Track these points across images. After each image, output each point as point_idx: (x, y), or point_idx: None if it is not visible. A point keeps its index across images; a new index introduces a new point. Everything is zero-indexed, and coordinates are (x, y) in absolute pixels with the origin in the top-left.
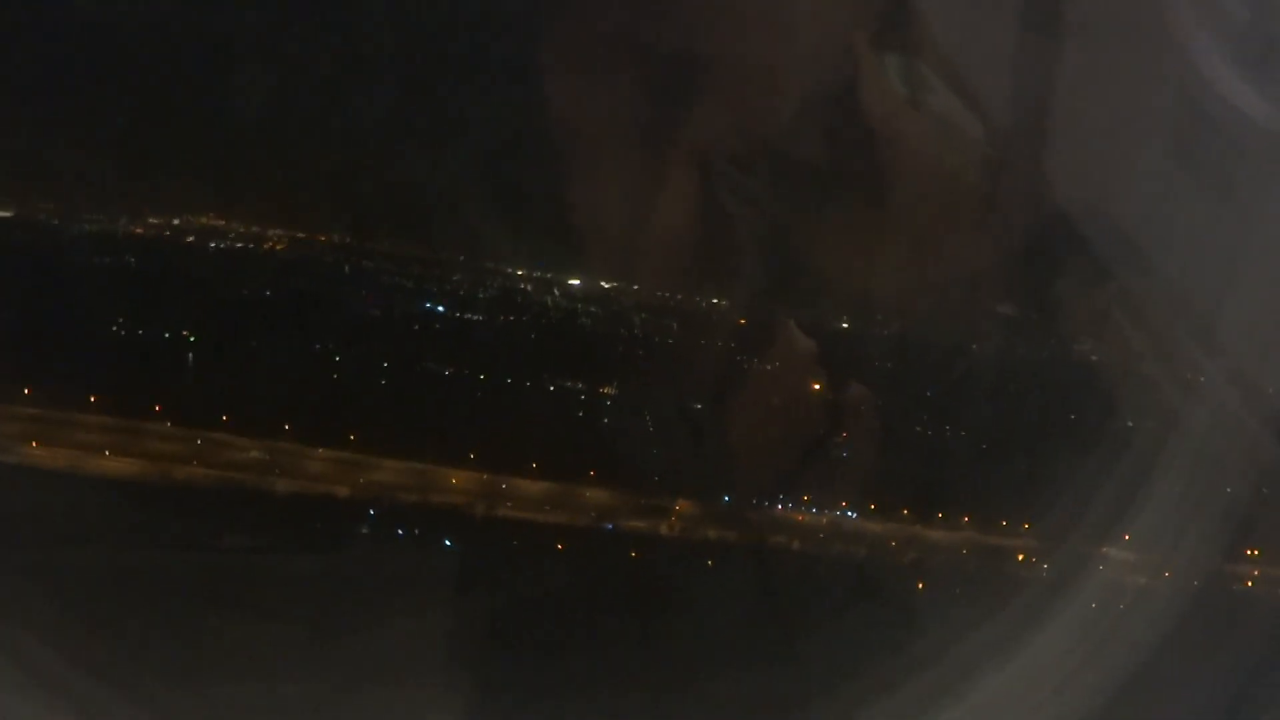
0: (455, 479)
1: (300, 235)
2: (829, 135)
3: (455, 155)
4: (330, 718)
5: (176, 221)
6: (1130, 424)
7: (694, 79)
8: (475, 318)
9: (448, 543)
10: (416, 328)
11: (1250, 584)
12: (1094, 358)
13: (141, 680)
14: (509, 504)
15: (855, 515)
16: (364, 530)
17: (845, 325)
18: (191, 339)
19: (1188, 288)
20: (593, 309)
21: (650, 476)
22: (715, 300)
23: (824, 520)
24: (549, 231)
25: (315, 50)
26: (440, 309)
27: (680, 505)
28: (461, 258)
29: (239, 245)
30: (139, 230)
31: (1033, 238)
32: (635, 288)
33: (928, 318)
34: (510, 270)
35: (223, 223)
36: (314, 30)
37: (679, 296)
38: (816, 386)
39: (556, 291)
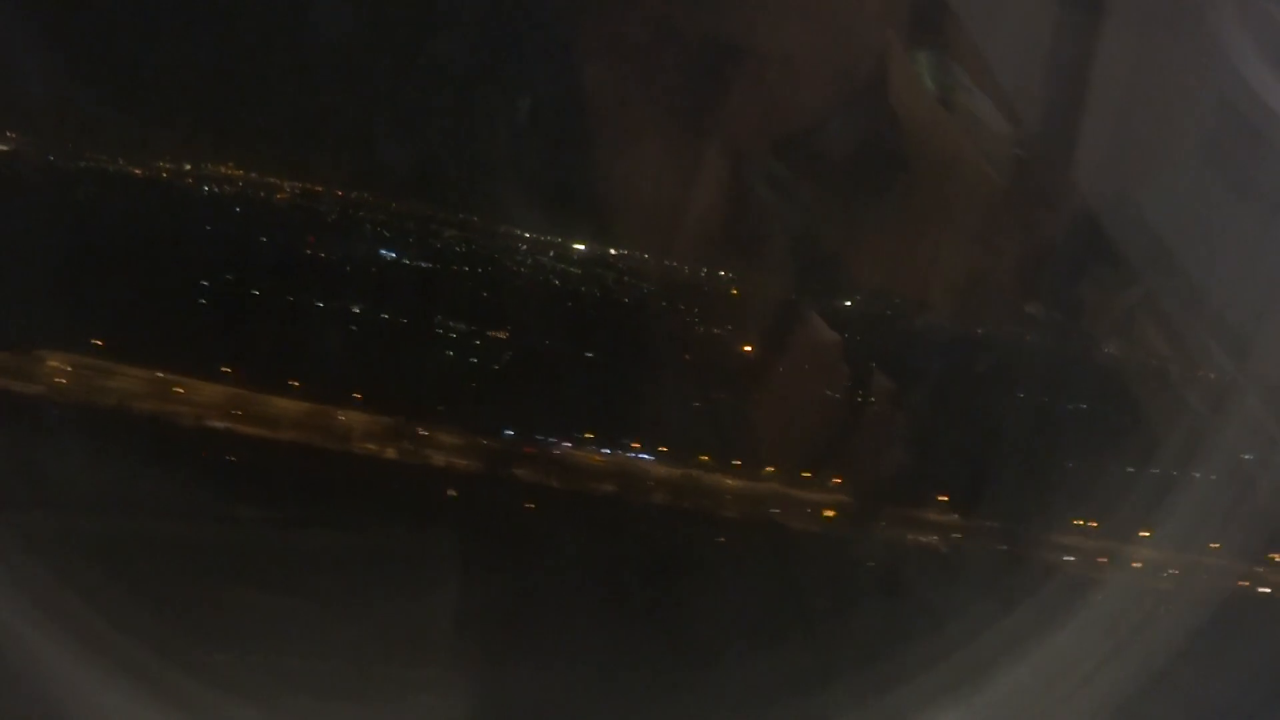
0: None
1: (316, 188)
2: (859, 130)
3: (484, 119)
4: None
5: (188, 166)
6: (1155, 425)
7: (728, 66)
8: (424, 265)
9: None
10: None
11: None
12: (1120, 359)
13: None
14: (256, 421)
15: (648, 457)
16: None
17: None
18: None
19: (1217, 292)
20: (570, 269)
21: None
22: (721, 273)
23: (595, 459)
24: (567, 200)
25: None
26: (392, 254)
27: (433, 433)
28: (475, 218)
29: (237, 191)
30: (137, 171)
31: (1061, 237)
32: (645, 256)
33: (953, 314)
34: (516, 232)
35: (240, 172)
36: None
37: (685, 269)
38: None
39: (551, 254)
